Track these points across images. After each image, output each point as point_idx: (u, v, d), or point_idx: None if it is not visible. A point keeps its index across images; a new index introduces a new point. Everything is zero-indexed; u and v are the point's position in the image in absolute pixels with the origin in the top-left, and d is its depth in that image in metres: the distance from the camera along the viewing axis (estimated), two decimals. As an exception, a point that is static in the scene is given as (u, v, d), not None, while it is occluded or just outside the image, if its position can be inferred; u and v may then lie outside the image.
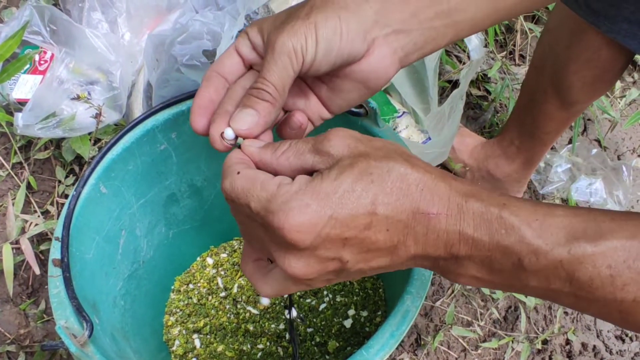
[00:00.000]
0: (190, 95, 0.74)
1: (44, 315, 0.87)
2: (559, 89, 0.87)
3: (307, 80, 0.48)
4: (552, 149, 1.23)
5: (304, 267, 0.37)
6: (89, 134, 0.88)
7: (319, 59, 0.42)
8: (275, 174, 0.40)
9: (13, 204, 0.86)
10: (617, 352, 1.03)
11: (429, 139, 0.98)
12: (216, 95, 0.47)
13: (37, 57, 0.94)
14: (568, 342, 1.02)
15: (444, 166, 1.15)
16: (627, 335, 1.05)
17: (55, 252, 0.61)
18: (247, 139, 0.43)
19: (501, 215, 0.35)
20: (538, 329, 1.01)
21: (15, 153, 0.94)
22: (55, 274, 0.60)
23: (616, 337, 1.05)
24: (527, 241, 0.35)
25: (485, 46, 1.26)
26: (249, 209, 0.38)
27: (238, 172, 0.39)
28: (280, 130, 0.48)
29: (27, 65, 0.94)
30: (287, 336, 0.83)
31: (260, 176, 0.38)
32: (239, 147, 0.43)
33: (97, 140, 0.91)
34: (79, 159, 0.95)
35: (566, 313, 1.04)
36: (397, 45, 0.45)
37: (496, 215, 0.35)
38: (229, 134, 0.44)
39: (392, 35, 0.44)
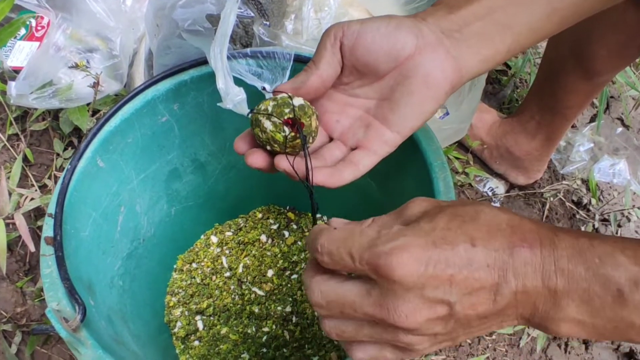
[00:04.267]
0: (194, 64, 0.70)
1: (42, 294, 0.84)
2: (581, 59, 0.81)
3: (365, 105, 0.50)
4: (572, 127, 1.18)
5: (412, 312, 0.35)
6: (88, 104, 0.83)
7: (362, 37, 0.46)
8: None
9: (8, 178, 0.82)
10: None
11: (447, 113, 0.93)
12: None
13: (33, 23, 0.89)
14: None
15: (460, 144, 1.10)
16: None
17: (47, 230, 0.58)
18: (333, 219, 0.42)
19: (592, 244, 0.35)
20: (555, 315, 0.97)
21: (11, 124, 0.90)
22: (47, 253, 0.56)
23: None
24: (624, 267, 0.34)
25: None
26: (350, 257, 0.36)
27: (335, 228, 0.39)
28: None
29: (23, 31, 0.89)
30: (294, 319, 0.80)
31: (356, 227, 0.38)
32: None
33: (96, 112, 0.87)
34: (77, 131, 0.91)
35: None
36: (449, 44, 0.46)
37: (587, 244, 0.35)
38: None
39: (442, 35, 0.46)
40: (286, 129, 0.46)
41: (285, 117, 0.46)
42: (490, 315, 0.36)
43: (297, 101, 0.47)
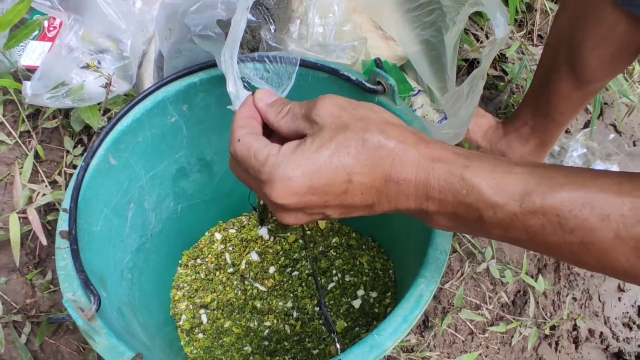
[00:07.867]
0: (203, 67, 0.72)
1: (51, 286, 0.86)
2: (574, 68, 0.84)
3: None
4: (567, 132, 1.21)
5: (294, 219, 0.46)
6: (99, 104, 0.86)
7: None
8: (276, 130, 0.48)
9: (20, 173, 0.85)
10: (623, 340, 1.02)
11: (445, 118, 0.96)
12: None
13: (45, 23, 0.92)
14: (575, 327, 1.01)
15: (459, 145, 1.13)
16: (634, 323, 1.04)
17: (62, 224, 0.60)
18: (260, 89, 0.50)
19: (463, 177, 0.41)
20: (546, 314, 1.00)
21: (23, 121, 0.93)
22: (62, 246, 0.59)
23: (623, 324, 1.04)
24: (486, 199, 0.41)
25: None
26: (247, 173, 0.46)
27: (239, 140, 0.46)
28: None
29: (36, 32, 0.91)
30: (295, 314, 0.83)
31: (254, 145, 0.45)
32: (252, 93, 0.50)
33: (106, 111, 0.89)
34: (87, 129, 0.94)
35: (575, 299, 1.03)
36: None
37: (458, 177, 0.41)
38: None
39: None
40: None
41: None
42: (365, 215, 0.46)
43: None
